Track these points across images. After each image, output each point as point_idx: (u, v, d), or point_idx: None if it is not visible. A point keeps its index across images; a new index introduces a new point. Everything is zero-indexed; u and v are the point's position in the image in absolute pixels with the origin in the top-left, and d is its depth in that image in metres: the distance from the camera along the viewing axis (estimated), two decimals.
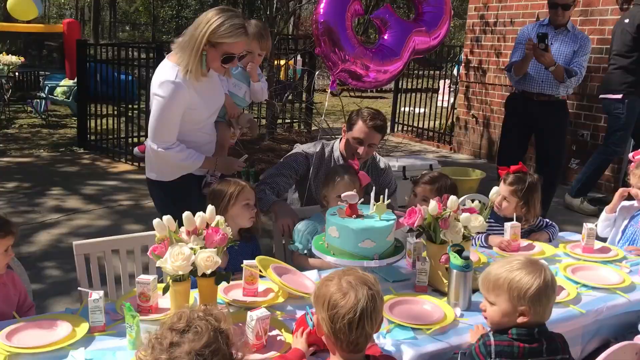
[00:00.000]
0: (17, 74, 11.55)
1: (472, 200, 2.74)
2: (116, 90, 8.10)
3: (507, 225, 3.00)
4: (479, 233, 2.91)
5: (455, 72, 10.65)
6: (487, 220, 2.62)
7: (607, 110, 6.00)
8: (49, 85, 11.75)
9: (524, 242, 3.09)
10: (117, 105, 8.39)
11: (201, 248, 2.09)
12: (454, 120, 9.66)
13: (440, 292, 2.51)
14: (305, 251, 2.99)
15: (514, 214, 3.11)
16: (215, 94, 3.10)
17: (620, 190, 3.40)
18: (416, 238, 2.69)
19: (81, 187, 6.71)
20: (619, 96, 5.75)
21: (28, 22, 11.72)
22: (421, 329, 2.17)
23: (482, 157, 8.92)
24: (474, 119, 8.95)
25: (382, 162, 3.65)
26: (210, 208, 2.20)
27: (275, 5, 8.40)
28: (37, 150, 8.51)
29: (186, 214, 2.11)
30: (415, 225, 2.51)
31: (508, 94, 5.97)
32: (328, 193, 3.01)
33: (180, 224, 2.15)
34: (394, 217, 2.52)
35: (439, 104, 10.77)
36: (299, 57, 9.63)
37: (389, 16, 3.90)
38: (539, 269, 1.96)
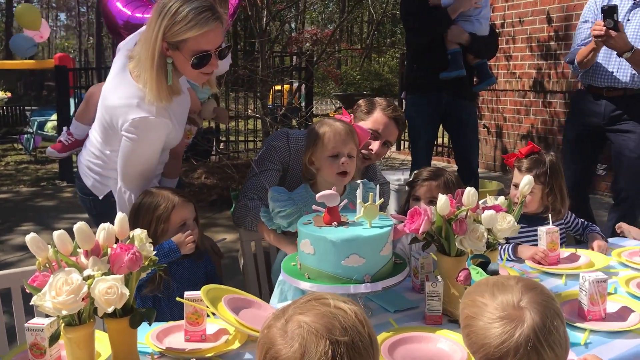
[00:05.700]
0: (2, 109, 11.05)
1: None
2: None
3: (542, 230, 2.31)
4: (507, 241, 2.23)
5: None
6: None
7: None
8: (38, 120, 11.19)
9: (565, 252, 2.39)
10: None
11: (104, 274, 1.42)
12: None
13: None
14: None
15: (541, 209, 2.54)
16: (185, 105, 2.37)
17: None
18: (424, 250, 2.00)
19: (55, 221, 6.07)
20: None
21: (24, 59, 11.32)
22: None
23: (497, 169, 8.23)
24: (486, 129, 8.27)
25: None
26: (120, 217, 1.52)
27: (265, 21, 7.86)
28: (17, 186, 7.92)
29: (79, 226, 1.43)
30: (420, 231, 1.83)
31: (572, 94, 4.64)
32: (316, 154, 2.14)
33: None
34: (391, 222, 1.85)
35: None
36: (295, 84, 9.25)
37: None
38: (515, 321, 1.17)
